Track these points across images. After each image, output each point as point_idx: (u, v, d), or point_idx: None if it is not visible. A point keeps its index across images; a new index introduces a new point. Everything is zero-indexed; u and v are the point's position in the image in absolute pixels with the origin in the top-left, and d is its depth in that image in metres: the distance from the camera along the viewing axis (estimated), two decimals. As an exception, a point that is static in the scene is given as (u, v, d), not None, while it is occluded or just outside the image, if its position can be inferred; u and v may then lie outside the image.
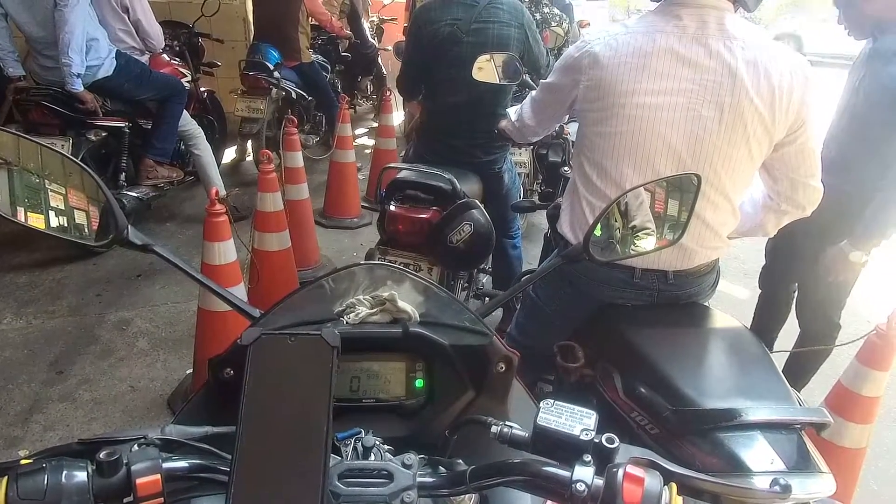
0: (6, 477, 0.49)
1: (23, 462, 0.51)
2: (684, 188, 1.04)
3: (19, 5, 2.97)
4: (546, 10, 4.17)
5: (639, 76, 1.33)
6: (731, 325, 1.50)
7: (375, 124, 5.70)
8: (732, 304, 3.17)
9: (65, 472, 0.50)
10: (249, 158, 5.13)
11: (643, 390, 1.31)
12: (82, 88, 3.03)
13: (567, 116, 1.88)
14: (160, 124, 3.45)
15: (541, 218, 4.50)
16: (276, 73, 4.31)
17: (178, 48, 4.06)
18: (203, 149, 3.69)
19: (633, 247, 1.02)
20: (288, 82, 4.46)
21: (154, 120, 3.48)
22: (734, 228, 1.51)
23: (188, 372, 2.48)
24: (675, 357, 1.32)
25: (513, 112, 1.79)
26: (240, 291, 2.23)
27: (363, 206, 4.36)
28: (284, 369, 0.57)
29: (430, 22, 2.31)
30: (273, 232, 2.68)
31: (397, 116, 5.10)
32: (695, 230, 1.39)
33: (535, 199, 3.18)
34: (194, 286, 3.13)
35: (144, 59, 3.54)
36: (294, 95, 4.55)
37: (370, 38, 6.10)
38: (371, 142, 5.91)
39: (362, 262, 0.86)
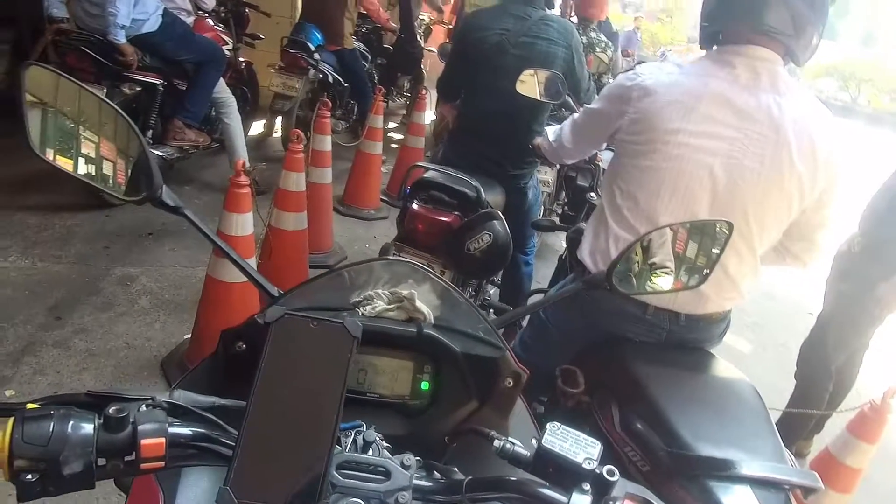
0: (12, 418, 0.49)
1: (29, 406, 0.50)
2: (713, 234, 1.03)
3: None
4: (593, 34, 4.17)
5: (686, 116, 1.32)
6: (734, 376, 1.48)
7: (405, 121, 5.73)
8: (733, 355, 3.14)
9: (72, 422, 0.50)
10: (276, 134, 5.15)
11: (640, 426, 1.30)
12: (125, 40, 3.03)
13: (604, 144, 1.88)
14: (195, 87, 3.46)
15: (555, 238, 4.51)
16: (315, 55, 4.35)
17: (224, 15, 4.09)
18: (233, 118, 3.70)
19: (652, 284, 1.02)
20: (326, 65, 4.49)
21: (189, 82, 3.48)
22: None
23: (186, 337, 2.48)
24: (677, 399, 1.31)
25: (551, 132, 1.79)
26: (250, 265, 2.22)
27: (382, 200, 4.37)
28: (302, 352, 0.56)
29: (479, 28, 2.31)
30: (292, 211, 2.68)
31: (429, 115, 5.11)
32: (714, 277, 1.37)
33: (555, 219, 3.17)
34: (203, 252, 3.18)
35: (190, 20, 3.55)
36: (330, 79, 4.57)
37: (418, 38, 6.13)
38: (399, 136, 5.93)
39: (388, 258, 0.85)
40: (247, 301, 2.24)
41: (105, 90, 3.08)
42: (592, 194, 2.43)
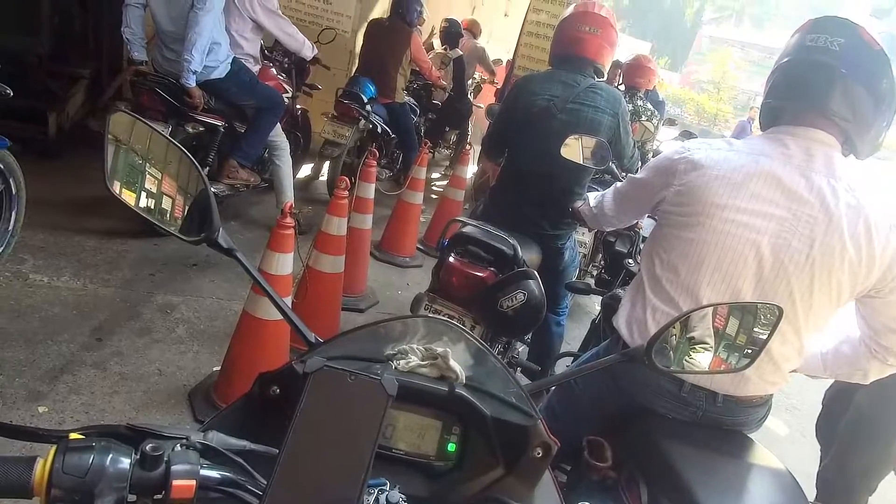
0: (55, 447, 0.50)
1: (72, 437, 0.52)
2: (759, 316, 1.01)
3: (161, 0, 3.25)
4: (639, 102, 4.23)
5: (735, 192, 1.32)
6: (773, 465, 1.42)
7: (447, 172, 5.87)
8: (769, 438, 3.00)
9: (111, 456, 0.50)
10: (321, 178, 5.32)
11: (669, 509, 1.25)
12: (194, 84, 3.24)
13: (646, 214, 1.88)
14: (253, 131, 3.65)
15: (587, 300, 4.46)
16: (367, 106, 4.55)
17: (286, 66, 4.32)
18: (284, 161, 3.87)
19: (692, 362, 1.00)
20: (377, 117, 4.67)
21: (248, 125, 3.67)
22: (826, 368, 1.47)
23: (215, 369, 2.51)
24: (710, 484, 1.26)
25: (592, 198, 1.80)
26: (290, 310, 2.26)
27: (418, 248, 4.42)
28: (337, 405, 0.57)
29: (529, 93, 2.38)
30: (331, 254, 2.74)
31: (471, 170, 5.21)
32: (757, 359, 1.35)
33: (590, 281, 3.15)
34: (241, 286, 3.25)
35: (256, 69, 3.78)
36: (379, 130, 4.74)
37: (468, 95, 6.35)
38: (438, 187, 6.04)
39: (426, 315, 0.86)
40: (279, 339, 2.28)
41: (171, 128, 3.28)
42: (630, 261, 2.42)
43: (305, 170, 5.29)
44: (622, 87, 4.54)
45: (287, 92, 4.17)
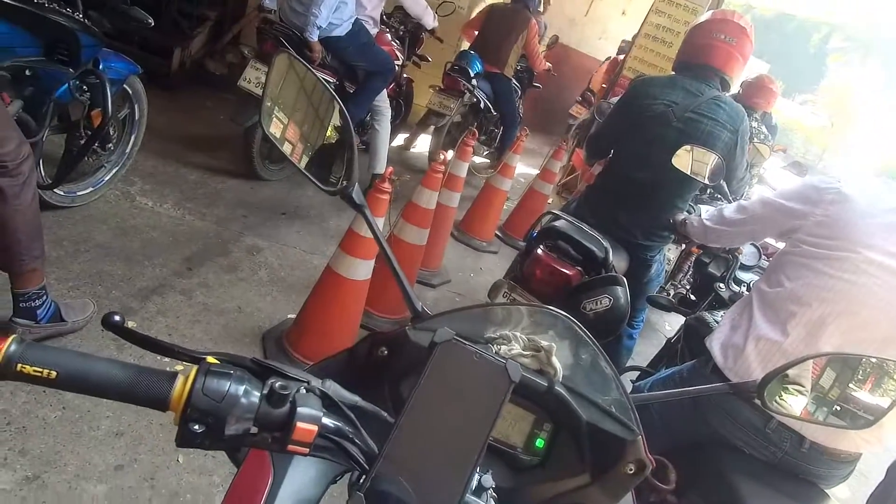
0: (196, 367, 0.52)
1: (210, 360, 0.53)
2: (877, 374, 0.93)
3: None
4: (754, 124, 4.00)
5: (885, 234, 1.23)
6: None
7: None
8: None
9: (245, 387, 0.52)
10: (413, 149, 5.37)
11: (730, 548, 1.20)
12: (316, 39, 3.34)
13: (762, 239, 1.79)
14: (361, 93, 3.73)
15: (658, 317, 4.31)
16: (473, 81, 4.68)
17: (402, 33, 4.37)
18: (384, 127, 3.93)
19: (807, 410, 0.93)
20: (481, 92, 4.76)
21: (357, 86, 3.76)
22: None
23: (289, 316, 2.60)
24: None
25: (706, 210, 1.72)
26: (367, 266, 2.30)
27: (496, 235, 4.40)
28: (460, 382, 0.57)
29: (646, 96, 2.29)
30: (417, 226, 2.77)
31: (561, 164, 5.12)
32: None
33: (672, 298, 3.03)
34: (323, 242, 3.35)
35: (374, 32, 3.84)
36: (482, 105, 4.81)
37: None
38: (525, 174, 5.98)
39: (541, 305, 0.84)
40: (357, 299, 2.33)
41: None
42: (721, 285, 2.30)
43: (399, 139, 5.36)
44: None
45: (398, 59, 4.22)
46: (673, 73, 2.42)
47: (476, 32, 5.13)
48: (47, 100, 2.27)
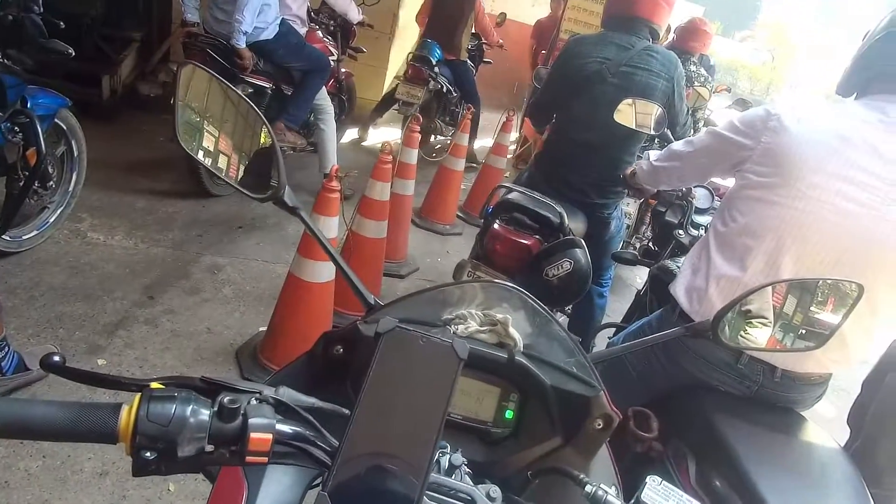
0: (139, 395, 0.51)
1: (153, 385, 0.53)
2: (835, 294, 0.96)
3: None
4: (693, 68, 4.07)
5: (829, 157, 1.25)
6: (828, 445, 1.38)
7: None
8: (818, 420, 2.93)
9: (191, 407, 0.51)
10: (365, 143, 5.34)
11: (719, 485, 1.23)
12: (244, 45, 3.27)
13: (708, 179, 1.81)
14: (299, 93, 3.67)
15: (628, 272, 4.39)
16: (436, 69, 4.99)
17: (332, 28, 4.33)
18: (329, 125, 3.89)
19: (750, 339, 0.96)
20: (443, 77, 5.12)
21: (295, 88, 3.70)
22: None
23: (261, 329, 2.57)
24: (764, 461, 1.23)
25: (654, 152, 1.73)
26: (329, 267, 2.29)
27: (458, 216, 4.41)
28: (408, 367, 0.57)
29: (579, 56, 2.30)
30: (374, 219, 2.75)
31: (512, 137, 5.16)
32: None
33: (634, 252, 3.09)
34: (284, 250, 3.30)
35: (303, 31, 3.79)
36: (444, 90, 5.17)
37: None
38: (483, 148, 6.00)
39: (488, 280, 0.84)
40: (323, 301, 2.31)
41: None
42: (680, 231, 2.34)
43: (353, 133, 5.31)
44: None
45: (333, 55, 4.17)
46: (602, 29, 2.44)
47: (426, 19, 5.31)
48: (-23, 146, 2.19)
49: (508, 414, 0.78)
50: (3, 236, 2.51)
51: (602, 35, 2.36)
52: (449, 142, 5.50)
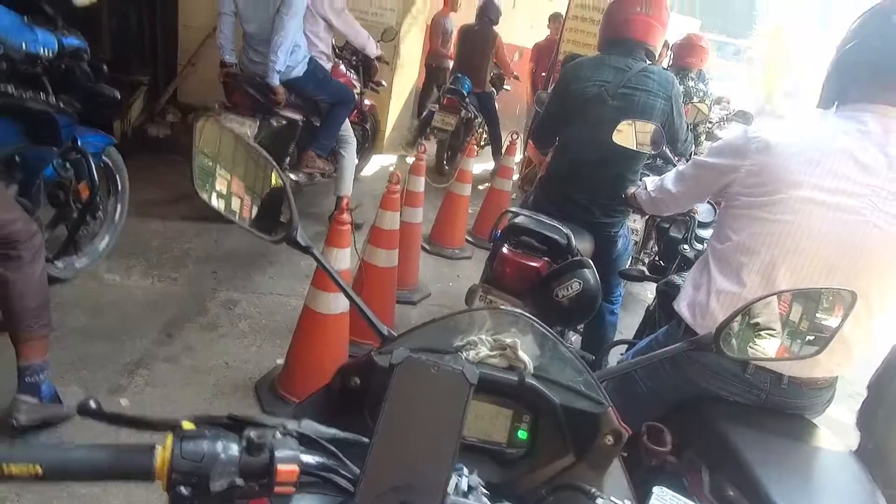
0: (171, 434, 0.55)
1: (185, 425, 0.56)
2: (822, 301, 0.99)
3: (250, 6, 3.54)
4: (691, 84, 4.13)
5: (811, 170, 1.29)
6: (839, 450, 1.39)
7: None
8: (833, 426, 2.91)
9: (221, 443, 0.55)
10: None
11: (732, 494, 1.25)
12: (278, 83, 3.53)
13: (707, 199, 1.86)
14: (327, 124, 3.94)
15: (640, 288, 4.39)
16: (467, 99, 5.79)
17: (355, 63, 4.58)
18: (349, 154, 4.13)
19: (757, 349, 0.99)
20: (471, 106, 5.93)
21: (323, 119, 3.96)
22: None
23: (278, 362, 2.61)
24: (775, 469, 1.25)
25: (650, 182, 1.79)
26: (343, 299, 2.33)
27: (466, 240, 4.45)
28: (422, 395, 0.61)
29: (579, 80, 2.36)
30: (384, 248, 2.80)
31: (517, 160, 5.23)
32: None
33: (643, 268, 3.11)
34: (298, 283, 3.36)
35: (329, 66, 4.07)
36: (472, 116, 5.99)
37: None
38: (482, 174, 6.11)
39: (497, 307, 0.88)
40: (339, 333, 2.35)
41: (258, 122, 3.62)
42: (685, 246, 2.38)
43: (376, 163, 5.55)
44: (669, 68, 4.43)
45: (356, 87, 4.45)
46: (599, 52, 2.50)
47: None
48: (36, 181, 2.45)
49: (521, 434, 0.81)
50: (56, 263, 2.72)
51: (599, 58, 2.42)
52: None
